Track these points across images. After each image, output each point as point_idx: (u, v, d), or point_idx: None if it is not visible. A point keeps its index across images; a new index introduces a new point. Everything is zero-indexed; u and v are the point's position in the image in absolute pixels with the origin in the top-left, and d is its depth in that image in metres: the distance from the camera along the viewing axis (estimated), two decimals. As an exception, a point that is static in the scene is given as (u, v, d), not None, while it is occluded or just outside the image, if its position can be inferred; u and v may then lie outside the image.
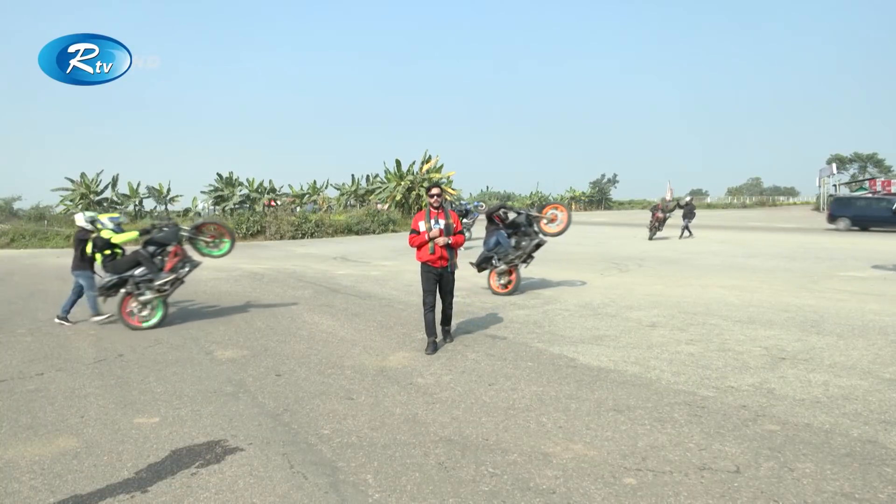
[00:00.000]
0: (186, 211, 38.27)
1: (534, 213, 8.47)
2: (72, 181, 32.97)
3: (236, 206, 36.93)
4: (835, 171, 43.63)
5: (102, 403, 4.05)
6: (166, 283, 6.63)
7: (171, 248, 6.83)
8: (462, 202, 24.46)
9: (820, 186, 43.68)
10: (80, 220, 7.22)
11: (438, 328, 5.50)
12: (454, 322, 6.06)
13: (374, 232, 27.66)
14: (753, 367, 4.52)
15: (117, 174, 33.52)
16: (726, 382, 4.15)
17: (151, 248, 6.84)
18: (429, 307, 5.25)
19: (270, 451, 3.17)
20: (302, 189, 41.34)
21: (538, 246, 8.29)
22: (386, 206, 32.76)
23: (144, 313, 6.64)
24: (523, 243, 8.25)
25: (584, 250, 15.51)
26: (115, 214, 7.84)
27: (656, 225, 19.16)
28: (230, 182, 38.61)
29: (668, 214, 19.65)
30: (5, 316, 7.70)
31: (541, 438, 3.24)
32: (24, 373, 4.90)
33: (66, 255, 18.86)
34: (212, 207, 38.80)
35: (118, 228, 7.02)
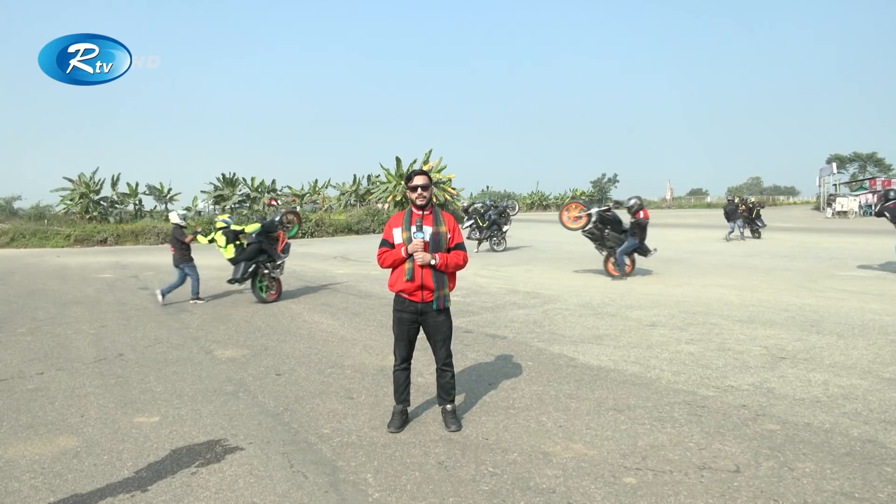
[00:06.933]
0: (186, 210, 38.29)
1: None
2: (71, 181, 32.96)
3: (236, 205, 36.95)
4: (835, 170, 43.61)
5: (102, 403, 4.05)
6: (282, 262, 8.56)
7: (276, 234, 8.62)
8: (502, 202, 19.16)
9: (820, 186, 43.68)
10: (175, 217, 8.72)
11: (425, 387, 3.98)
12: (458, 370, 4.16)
13: (374, 231, 27.65)
14: (753, 366, 4.52)
15: (118, 173, 33.52)
16: (726, 382, 4.15)
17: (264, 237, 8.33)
18: (400, 362, 3.47)
19: (270, 450, 3.17)
20: (303, 189, 41.36)
21: None
22: (385, 206, 32.74)
23: (272, 290, 8.38)
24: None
25: (584, 249, 15.49)
26: (227, 216, 9.30)
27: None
28: (231, 182, 38.62)
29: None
30: (5, 315, 7.70)
31: (541, 438, 3.24)
32: (24, 372, 4.90)
33: (66, 255, 18.88)
34: (212, 207, 38.82)
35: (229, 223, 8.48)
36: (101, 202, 33.04)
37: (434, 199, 3.55)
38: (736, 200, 19.20)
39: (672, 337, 5.54)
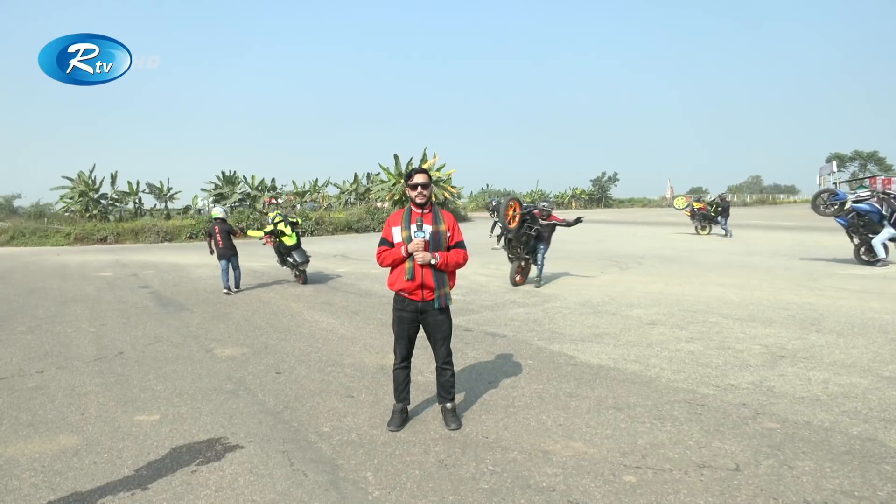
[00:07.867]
0: (186, 209, 38.31)
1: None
2: (70, 179, 32.96)
3: (236, 203, 36.95)
4: (835, 169, 43.56)
5: (103, 401, 4.06)
6: None
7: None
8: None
9: (820, 185, 43.64)
10: (219, 212, 9.60)
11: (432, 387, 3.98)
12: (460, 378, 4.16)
13: (374, 230, 27.65)
14: (753, 364, 4.53)
15: (116, 171, 33.53)
16: (726, 380, 4.15)
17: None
18: (400, 360, 3.46)
19: (270, 448, 3.17)
20: (304, 187, 41.37)
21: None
22: (385, 205, 32.72)
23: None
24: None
25: (584, 248, 15.51)
26: (279, 211, 10.72)
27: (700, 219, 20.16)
28: (230, 180, 38.62)
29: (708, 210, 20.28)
30: (5, 314, 7.71)
31: (541, 436, 3.25)
32: (24, 370, 4.90)
33: (66, 253, 18.88)
34: (212, 205, 38.81)
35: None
36: (101, 200, 33.04)
37: (433, 198, 3.54)
38: (715, 199, 20.93)
39: (672, 335, 5.54)
